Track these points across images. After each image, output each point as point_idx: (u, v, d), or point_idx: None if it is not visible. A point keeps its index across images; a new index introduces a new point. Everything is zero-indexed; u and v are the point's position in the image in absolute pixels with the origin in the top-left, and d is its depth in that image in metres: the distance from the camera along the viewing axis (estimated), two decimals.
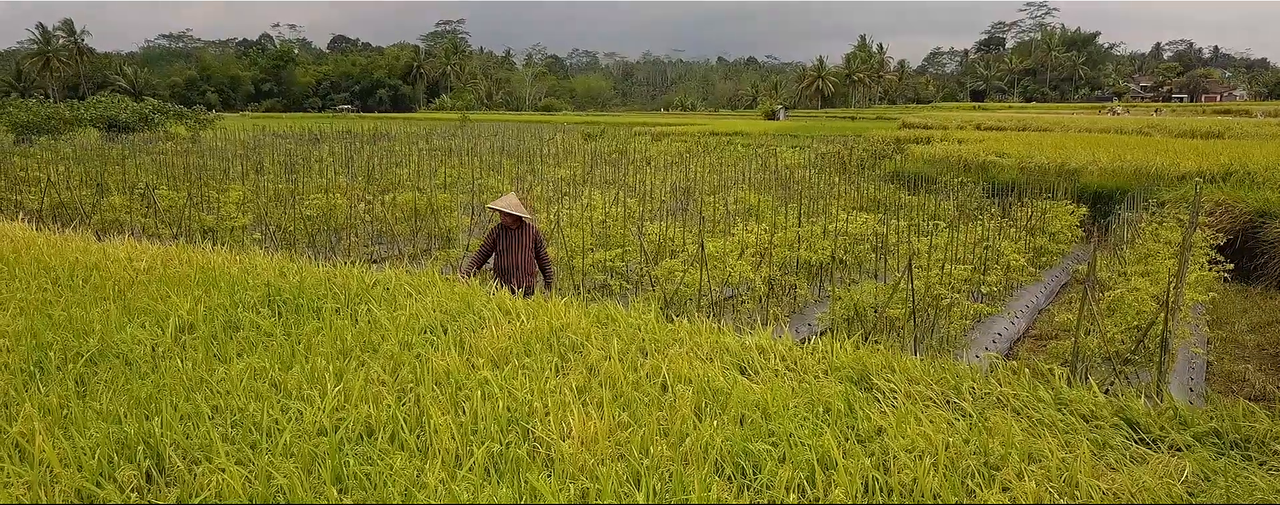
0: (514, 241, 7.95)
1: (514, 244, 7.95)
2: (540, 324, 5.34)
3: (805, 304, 9.86)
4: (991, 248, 9.32)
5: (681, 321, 5.56)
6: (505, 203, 7.89)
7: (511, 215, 7.87)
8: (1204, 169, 16.14)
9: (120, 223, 12.99)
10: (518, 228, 7.94)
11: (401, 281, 6.59)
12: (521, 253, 7.98)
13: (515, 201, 7.96)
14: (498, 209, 7.96)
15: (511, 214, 7.84)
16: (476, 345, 5.01)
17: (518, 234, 7.95)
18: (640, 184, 18.61)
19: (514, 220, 7.92)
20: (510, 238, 7.95)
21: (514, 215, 7.86)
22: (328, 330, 5.18)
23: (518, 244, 7.96)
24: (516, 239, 7.95)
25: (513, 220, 7.91)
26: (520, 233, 7.95)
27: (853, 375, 4.59)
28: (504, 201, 7.92)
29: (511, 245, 7.94)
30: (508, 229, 7.94)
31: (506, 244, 7.93)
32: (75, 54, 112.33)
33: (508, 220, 7.93)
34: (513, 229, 7.93)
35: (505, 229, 7.96)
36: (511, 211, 7.81)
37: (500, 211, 7.94)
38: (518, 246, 7.96)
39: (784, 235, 9.71)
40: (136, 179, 16.74)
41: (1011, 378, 4.48)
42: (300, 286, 6.07)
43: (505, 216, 7.93)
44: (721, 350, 4.96)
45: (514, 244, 7.95)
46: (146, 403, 3.98)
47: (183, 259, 7.49)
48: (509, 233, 7.94)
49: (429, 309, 5.73)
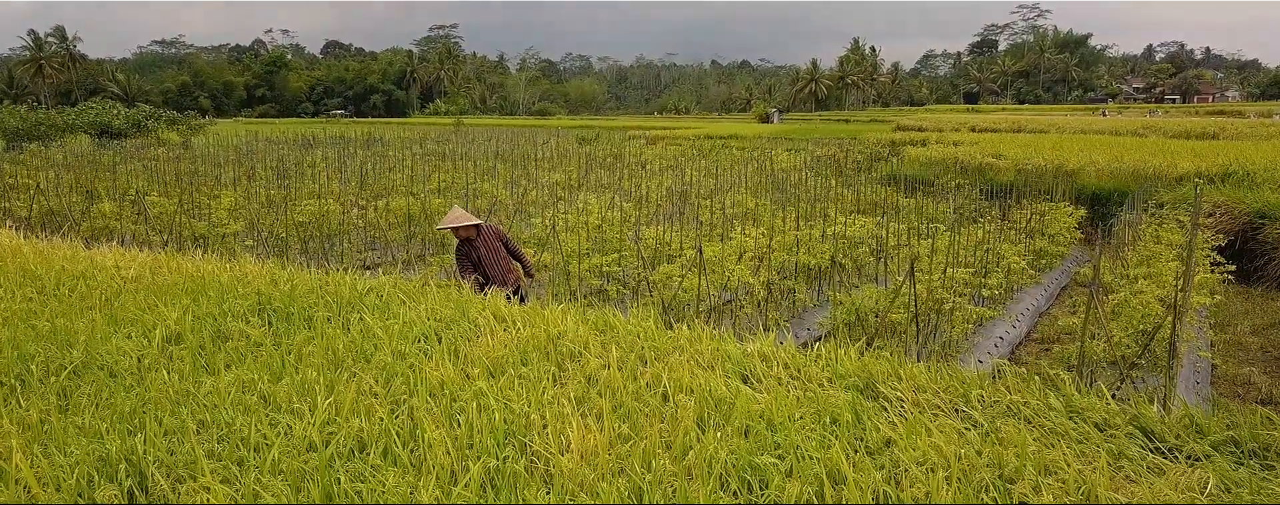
0: (486, 250, 7.75)
1: (487, 252, 7.75)
2: (537, 332, 5.22)
3: (804, 308, 9.74)
4: (992, 251, 9.22)
5: (681, 328, 5.44)
6: (454, 219, 7.66)
7: (466, 227, 7.66)
8: (1202, 170, 16.07)
9: (110, 230, 12.83)
10: (478, 236, 7.74)
11: (395, 288, 6.47)
12: (495, 257, 7.79)
13: (461, 213, 7.75)
14: (449, 228, 7.73)
15: (466, 226, 7.64)
16: (471, 354, 4.89)
17: (481, 242, 7.75)
18: (636, 188, 18.50)
19: (471, 231, 7.71)
20: (479, 248, 7.74)
21: (469, 226, 7.66)
22: (319, 340, 5.05)
23: (487, 250, 7.76)
24: (484, 247, 7.75)
25: (469, 231, 7.70)
26: (482, 240, 7.76)
27: (858, 383, 4.47)
28: (452, 218, 7.69)
29: (485, 253, 7.74)
30: (470, 241, 7.72)
31: (480, 254, 7.73)
32: (67, 60, 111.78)
33: (464, 234, 7.71)
34: (474, 239, 7.73)
35: (467, 243, 7.72)
36: (463, 223, 7.60)
37: (453, 229, 7.70)
38: (489, 253, 7.76)
39: (783, 239, 9.60)
40: (128, 186, 16.58)
41: (1021, 385, 4.37)
42: (291, 295, 5.94)
43: (461, 231, 7.71)
44: (723, 358, 4.84)
45: (487, 252, 7.75)
46: (130, 417, 3.85)
47: (172, 267, 7.36)
48: (473, 245, 7.71)
49: (423, 317, 5.60)
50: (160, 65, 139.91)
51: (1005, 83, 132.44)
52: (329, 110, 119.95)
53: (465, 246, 7.70)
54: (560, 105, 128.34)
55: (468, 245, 7.69)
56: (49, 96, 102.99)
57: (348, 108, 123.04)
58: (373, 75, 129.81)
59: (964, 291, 7.69)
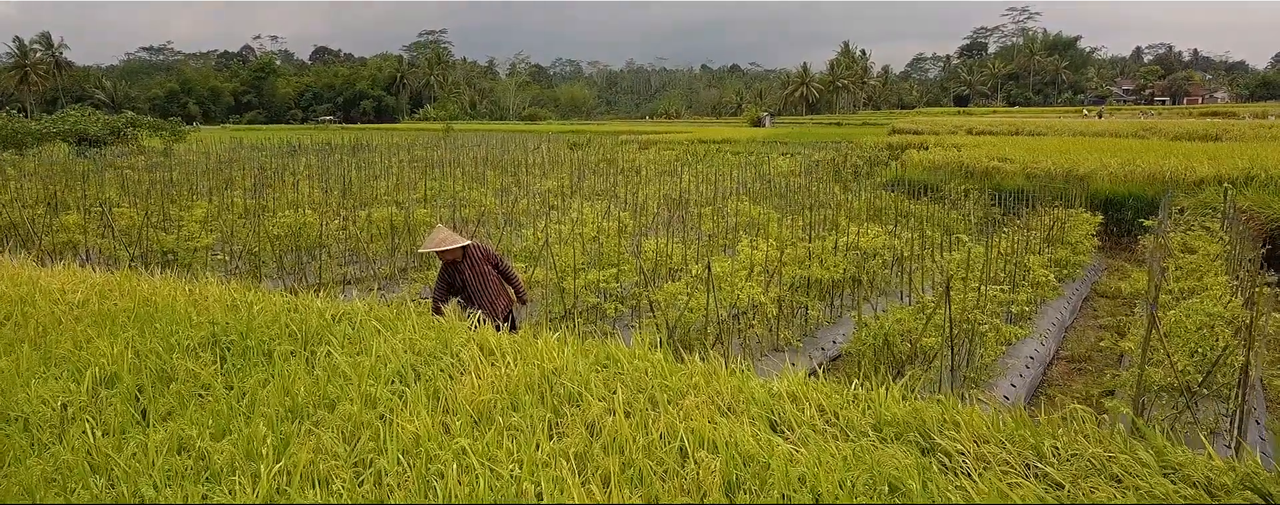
0: (471, 273, 6.92)
1: (472, 275, 6.92)
2: (529, 369, 4.54)
3: (817, 325, 9.09)
4: (1020, 263, 8.60)
5: (693, 360, 4.77)
6: (438, 241, 6.83)
7: (452, 251, 6.86)
8: (1222, 174, 15.47)
9: (74, 244, 12.10)
10: (463, 258, 6.92)
11: (369, 315, 5.78)
12: (483, 283, 6.96)
13: (448, 234, 6.93)
14: (434, 252, 6.90)
15: (452, 249, 6.83)
16: (454, 397, 4.22)
17: (468, 263, 6.92)
18: (631, 195, 17.85)
19: (457, 253, 6.89)
20: (464, 271, 6.90)
21: (456, 249, 6.86)
22: (277, 381, 4.36)
23: (475, 273, 6.94)
24: (470, 271, 6.92)
25: (455, 254, 6.89)
26: (468, 262, 6.93)
27: (909, 432, 3.82)
28: (436, 240, 6.86)
29: (470, 278, 6.91)
30: (455, 264, 6.89)
31: (465, 279, 6.90)
32: (53, 67, 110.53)
33: (449, 257, 6.89)
34: (459, 262, 6.91)
35: (452, 266, 6.90)
36: (448, 247, 6.79)
37: (439, 252, 6.88)
38: (477, 276, 6.94)
39: (793, 251, 8.95)
40: (98, 196, 15.83)
41: (1102, 435, 3.71)
42: (249, 325, 5.24)
43: (446, 255, 6.87)
44: (747, 399, 4.18)
45: (472, 275, 6.92)
46: (32, 492, 3.15)
47: (125, 290, 6.65)
48: (459, 267, 6.90)
49: (399, 350, 4.92)
50: (148, 72, 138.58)
51: (995, 85, 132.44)
52: (318, 116, 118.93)
53: (449, 270, 6.90)
54: (551, 110, 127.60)
55: (452, 269, 6.89)
56: (34, 104, 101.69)
57: (336, 114, 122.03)
58: (362, 81, 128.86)
59: (997, 311, 7.06)
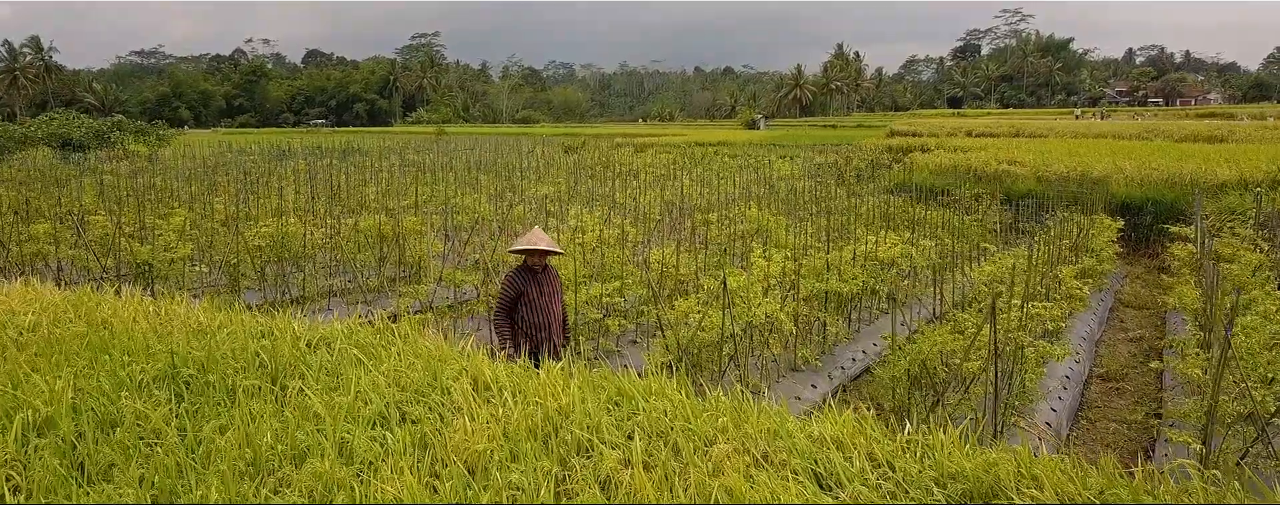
0: (544, 288, 6.06)
1: (545, 291, 6.06)
2: (530, 409, 3.95)
3: (835, 341, 8.52)
4: (1048, 274, 8.06)
5: (718, 397, 4.20)
6: (535, 239, 5.98)
7: (544, 253, 6.01)
8: (1245, 177, 14.91)
9: (44, 255, 11.46)
10: (543, 271, 6.10)
11: (350, 339, 5.18)
12: (554, 302, 6.12)
13: (547, 237, 6.08)
14: (527, 250, 5.99)
15: (546, 252, 5.99)
16: (444, 444, 3.64)
17: (546, 277, 6.10)
18: (630, 200, 17.26)
19: (544, 260, 6.07)
20: (539, 284, 6.04)
21: (551, 253, 6.03)
22: (239, 425, 3.77)
23: (550, 291, 6.10)
24: (547, 285, 6.09)
25: (541, 260, 6.05)
26: (547, 276, 6.12)
27: (979, 487, 3.25)
28: (532, 237, 6.01)
29: (543, 293, 6.04)
30: (534, 272, 6.05)
31: (536, 292, 6.02)
32: (43, 71, 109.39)
33: (537, 261, 6.04)
34: (540, 271, 6.07)
35: (530, 272, 6.04)
36: (547, 248, 5.96)
37: (528, 251, 6.00)
38: (550, 294, 6.09)
39: (810, 263, 8.39)
40: (74, 203, 15.18)
41: (1213, 494, 3.15)
42: (210, 356, 4.63)
43: (533, 256, 6.01)
44: (785, 446, 3.60)
45: (545, 291, 6.06)
46: None
47: (83, 311, 6.04)
48: (536, 278, 6.05)
49: (382, 385, 4.33)
50: (139, 75, 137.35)
51: (989, 87, 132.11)
52: (310, 120, 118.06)
53: (522, 278, 6.02)
54: (544, 113, 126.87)
55: (526, 277, 6.03)
56: (23, 108, 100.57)
57: (329, 117, 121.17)
58: (355, 84, 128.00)
59: (1037, 330, 6.50)
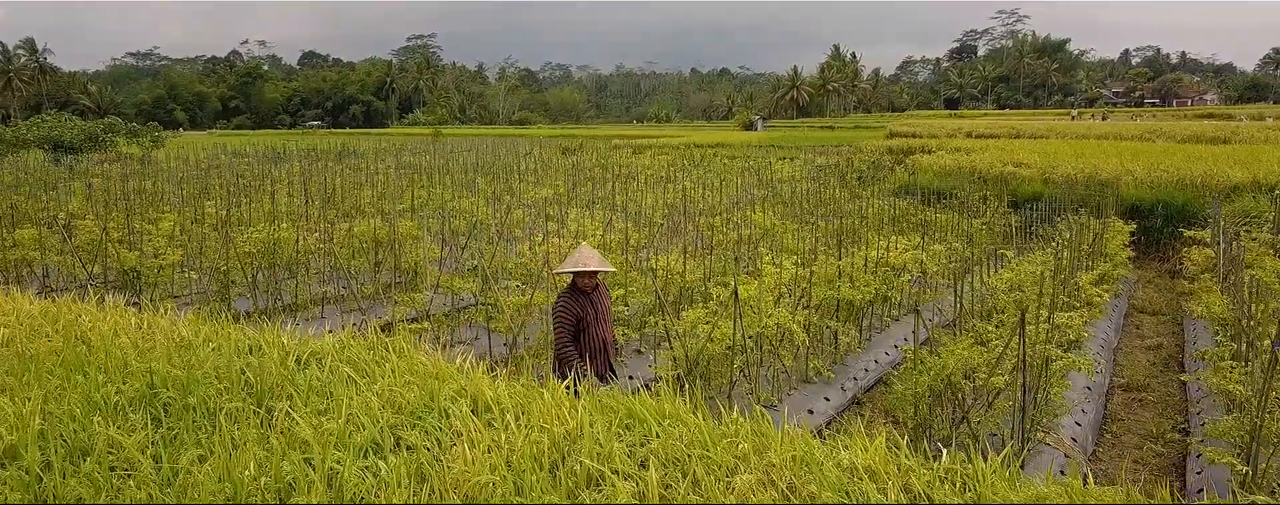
0: (599, 311, 5.78)
1: (599, 315, 5.79)
2: (535, 435, 3.65)
3: (847, 351, 8.23)
4: (1071, 282, 7.78)
5: (737, 420, 3.90)
6: (586, 260, 5.65)
7: (594, 274, 5.72)
8: (1259, 179, 14.65)
9: (30, 262, 11.14)
10: (594, 289, 5.81)
11: (342, 356, 4.87)
12: (604, 323, 5.83)
13: (597, 256, 5.77)
14: (578, 271, 5.67)
15: (596, 272, 5.70)
16: (442, 476, 3.34)
17: (598, 297, 5.82)
18: (630, 203, 16.96)
19: (594, 278, 5.77)
20: (594, 307, 5.75)
21: (601, 272, 5.75)
22: (218, 455, 3.46)
23: (604, 313, 5.82)
24: (600, 306, 5.82)
25: (591, 282, 5.76)
26: (599, 295, 5.83)
27: None
28: (582, 258, 5.68)
29: (598, 318, 5.78)
30: (586, 294, 5.74)
31: (592, 317, 5.73)
32: (38, 73, 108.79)
33: (588, 283, 5.73)
34: (591, 292, 5.77)
35: (582, 295, 5.73)
36: (601, 269, 5.68)
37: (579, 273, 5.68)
38: (604, 314, 5.82)
39: (822, 270, 8.11)
40: (61, 207, 14.85)
41: None
42: (190, 376, 4.32)
43: (584, 277, 5.71)
44: (814, 479, 3.30)
45: (599, 315, 5.79)
46: None
47: (62, 324, 5.74)
48: (589, 300, 5.74)
49: (376, 407, 4.02)
50: (134, 77, 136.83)
51: (985, 88, 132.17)
52: (306, 122, 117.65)
53: (578, 301, 5.70)
54: (541, 114, 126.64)
55: (582, 300, 5.71)
56: (18, 110, 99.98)
57: (325, 119, 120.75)
58: (351, 86, 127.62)
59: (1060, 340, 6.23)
